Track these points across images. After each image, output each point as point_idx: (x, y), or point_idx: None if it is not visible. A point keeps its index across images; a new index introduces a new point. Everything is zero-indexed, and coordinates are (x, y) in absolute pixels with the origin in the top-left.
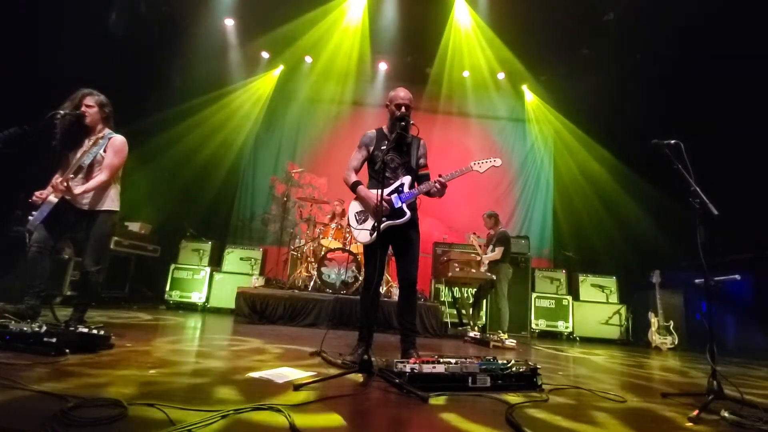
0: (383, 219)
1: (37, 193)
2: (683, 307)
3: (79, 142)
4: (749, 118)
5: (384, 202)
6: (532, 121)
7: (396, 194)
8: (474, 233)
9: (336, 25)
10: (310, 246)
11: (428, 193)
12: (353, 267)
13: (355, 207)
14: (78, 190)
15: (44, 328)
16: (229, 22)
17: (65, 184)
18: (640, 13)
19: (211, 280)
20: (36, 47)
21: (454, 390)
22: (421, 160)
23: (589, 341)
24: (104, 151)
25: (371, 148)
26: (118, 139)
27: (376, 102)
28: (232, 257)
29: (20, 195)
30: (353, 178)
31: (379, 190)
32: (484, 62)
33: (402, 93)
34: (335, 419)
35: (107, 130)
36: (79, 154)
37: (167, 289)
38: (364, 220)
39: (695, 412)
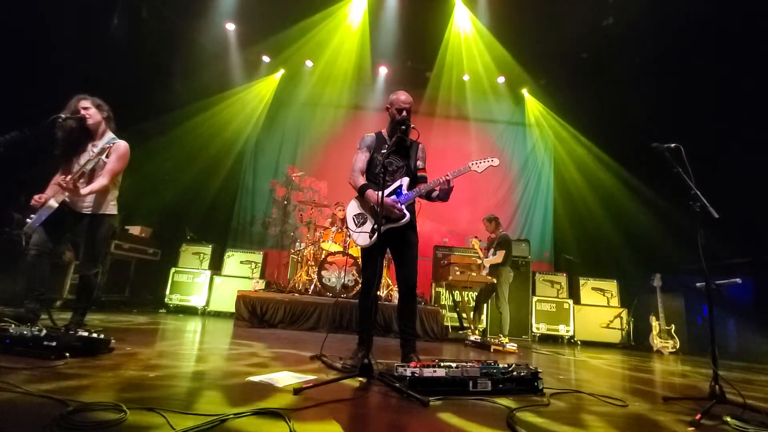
0: (382, 221)
1: (36, 197)
2: (684, 311)
3: (82, 146)
4: (749, 119)
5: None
6: (532, 125)
7: (394, 195)
8: (476, 237)
9: (337, 29)
10: (310, 249)
11: (430, 196)
12: (354, 270)
13: (352, 209)
14: (80, 192)
15: (44, 331)
16: (230, 26)
17: (72, 182)
18: (639, 17)
19: (212, 284)
20: (37, 48)
21: (454, 394)
22: (419, 163)
23: (590, 345)
24: (107, 156)
25: (371, 151)
26: (122, 145)
27: (377, 106)
28: (233, 261)
29: (20, 198)
30: (361, 180)
31: (380, 192)
32: (483, 66)
33: (403, 96)
34: (335, 423)
35: (110, 135)
36: (82, 160)
37: (167, 292)
38: (363, 223)
39: (697, 417)
